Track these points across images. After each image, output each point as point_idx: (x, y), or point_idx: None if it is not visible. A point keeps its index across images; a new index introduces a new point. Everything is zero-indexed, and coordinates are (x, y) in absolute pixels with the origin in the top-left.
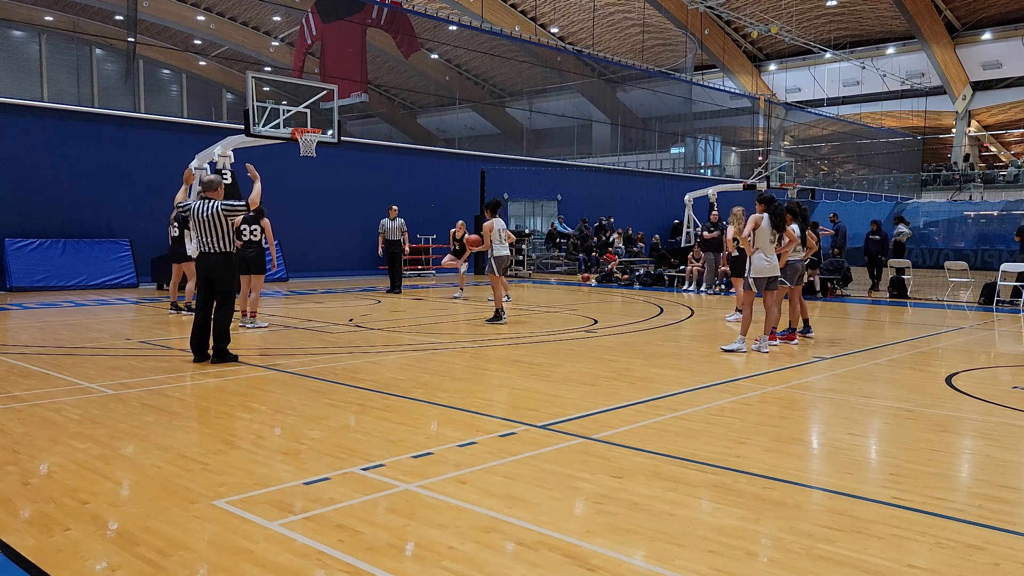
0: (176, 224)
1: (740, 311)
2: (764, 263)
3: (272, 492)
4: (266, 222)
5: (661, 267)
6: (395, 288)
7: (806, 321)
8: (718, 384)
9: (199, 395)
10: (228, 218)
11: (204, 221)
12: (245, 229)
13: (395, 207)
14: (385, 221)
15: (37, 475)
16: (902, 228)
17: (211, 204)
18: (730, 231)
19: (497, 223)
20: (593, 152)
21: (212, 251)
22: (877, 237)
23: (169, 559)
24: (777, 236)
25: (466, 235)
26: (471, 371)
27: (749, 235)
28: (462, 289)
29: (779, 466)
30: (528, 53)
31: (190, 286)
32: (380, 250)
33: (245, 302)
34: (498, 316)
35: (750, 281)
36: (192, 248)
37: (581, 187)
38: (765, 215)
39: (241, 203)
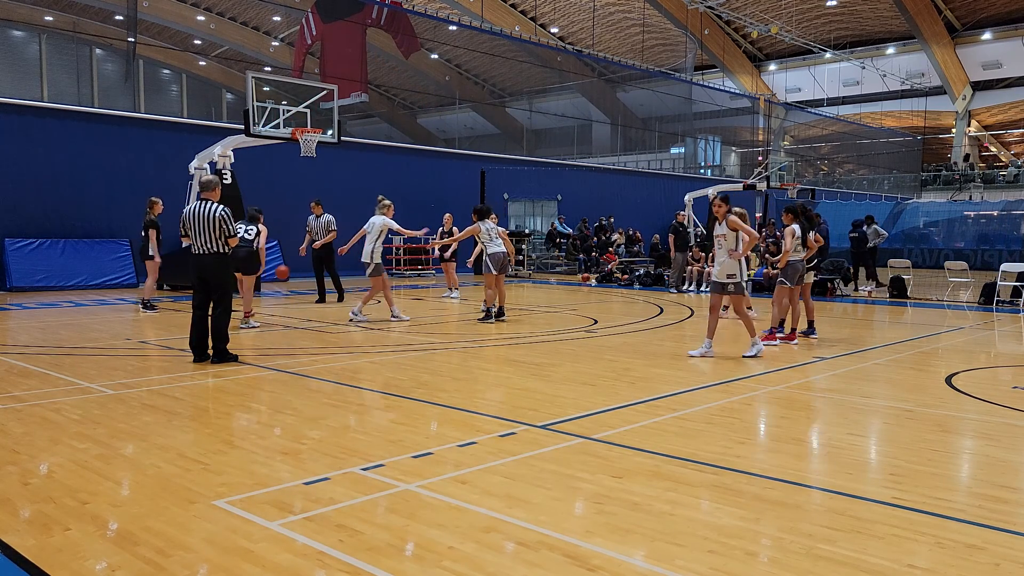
0: None
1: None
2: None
3: (272, 492)
4: (263, 227)
5: (661, 267)
6: (322, 298)
7: (811, 323)
8: (718, 384)
9: (199, 395)
10: (225, 224)
11: (202, 222)
12: (241, 228)
13: (318, 201)
14: (311, 219)
15: (37, 475)
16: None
17: (211, 206)
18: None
19: (483, 225)
20: (593, 152)
21: (206, 252)
22: (856, 235)
23: (169, 559)
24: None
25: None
26: (471, 371)
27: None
28: (452, 289)
29: (779, 466)
30: (528, 53)
31: (150, 283)
32: (303, 250)
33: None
34: (488, 315)
35: (743, 284)
36: (152, 247)
37: (581, 187)
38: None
39: (240, 230)
